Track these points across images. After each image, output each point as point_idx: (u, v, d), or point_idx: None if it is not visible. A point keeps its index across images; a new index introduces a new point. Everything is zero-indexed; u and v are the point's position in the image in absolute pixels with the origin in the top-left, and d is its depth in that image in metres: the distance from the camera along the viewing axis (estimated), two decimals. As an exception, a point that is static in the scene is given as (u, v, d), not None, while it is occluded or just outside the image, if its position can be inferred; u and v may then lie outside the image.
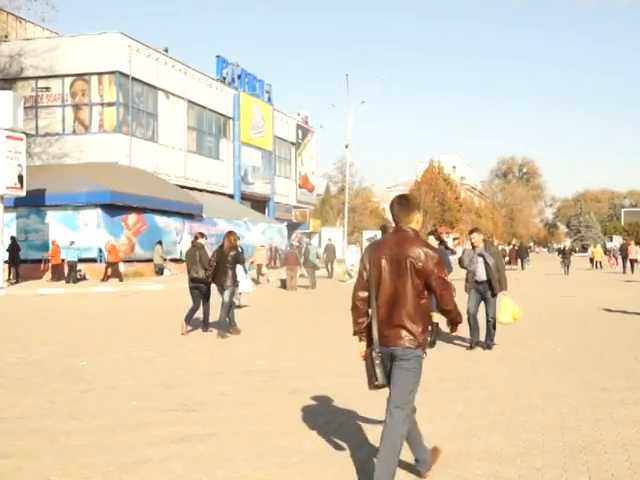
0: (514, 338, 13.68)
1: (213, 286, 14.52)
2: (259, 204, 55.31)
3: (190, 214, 38.64)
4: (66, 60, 37.80)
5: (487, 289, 12.14)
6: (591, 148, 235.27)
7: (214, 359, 11.50)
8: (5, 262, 29.45)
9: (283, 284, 29.42)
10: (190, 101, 44.70)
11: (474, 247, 12.33)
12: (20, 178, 28.11)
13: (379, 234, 66.69)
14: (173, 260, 36.05)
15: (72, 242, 30.29)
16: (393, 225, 5.47)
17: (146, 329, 15.27)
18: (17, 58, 38.49)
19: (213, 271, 14.26)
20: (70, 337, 14.08)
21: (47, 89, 38.84)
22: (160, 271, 34.21)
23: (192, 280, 14.81)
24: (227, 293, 14.21)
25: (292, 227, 57.64)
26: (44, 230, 32.48)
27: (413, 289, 5.16)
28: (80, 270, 30.83)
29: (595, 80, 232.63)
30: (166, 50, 43.22)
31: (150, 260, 34.22)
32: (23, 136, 28.78)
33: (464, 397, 8.49)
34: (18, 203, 30.74)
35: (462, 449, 6.41)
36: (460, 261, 12.60)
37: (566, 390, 8.85)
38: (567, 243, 47.76)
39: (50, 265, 31.36)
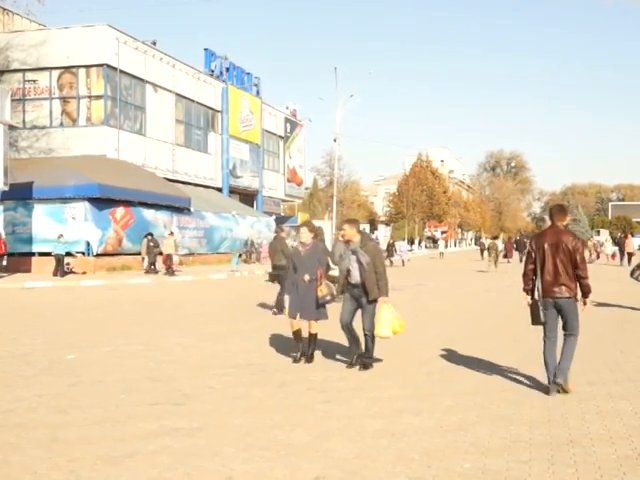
0: (500, 331, 13.74)
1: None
2: (247, 197, 55.24)
3: (178, 207, 38.53)
4: (53, 53, 37.60)
5: (362, 294, 9.87)
6: (579, 142, 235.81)
7: (202, 353, 11.48)
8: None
9: (270, 277, 29.32)
10: (178, 94, 44.54)
11: (347, 241, 10.02)
12: (5, 170, 27.90)
13: (367, 228, 66.92)
14: (161, 254, 35.91)
15: (60, 235, 30.17)
16: (548, 221, 8.75)
17: (134, 322, 15.23)
18: (4, 51, 38.23)
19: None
20: (57, 330, 14.03)
21: (34, 82, 38.63)
22: (153, 264, 34.07)
23: (274, 267, 17.62)
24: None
25: (280, 220, 57.57)
26: (31, 223, 32.33)
27: (567, 262, 8.22)
28: (68, 263, 30.73)
29: (583, 74, 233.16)
30: (154, 43, 43.01)
31: (138, 253, 34.12)
32: (6, 128, 28.49)
33: (451, 390, 8.51)
34: (5, 196, 30.58)
35: (449, 442, 6.43)
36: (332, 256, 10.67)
37: (553, 383, 8.88)
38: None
39: None
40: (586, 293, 8.36)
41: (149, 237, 32.80)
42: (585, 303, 8.43)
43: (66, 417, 7.28)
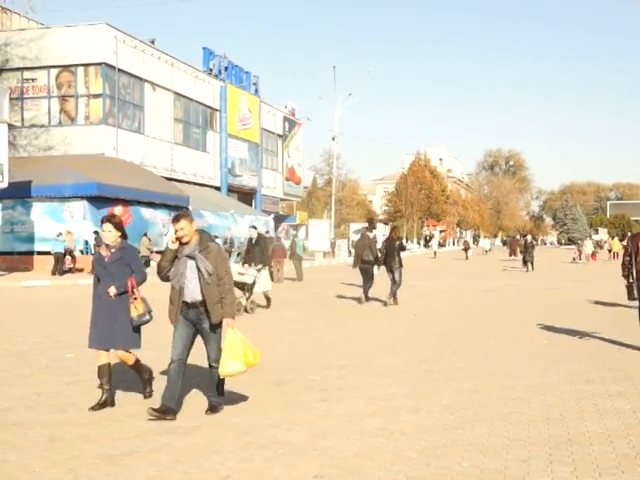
0: (499, 330, 13.74)
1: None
2: (246, 196, 55.21)
3: (177, 206, 38.49)
4: (52, 51, 37.56)
5: (202, 316, 7.30)
6: (577, 141, 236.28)
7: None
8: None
9: (270, 276, 29.32)
10: (177, 93, 44.52)
11: (182, 243, 7.26)
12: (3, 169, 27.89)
13: (366, 226, 66.94)
14: (160, 252, 35.91)
15: (59, 234, 30.16)
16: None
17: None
18: (2, 49, 38.18)
19: (384, 256, 18.96)
20: (56, 329, 14.02)
21: (33, 80, 38.60)
22: (147, 263, 34.07)
23: (362, 262, 19.28)
24: (396, 273, 18.73)
25: (279, 219, 57.59)
26: (30, 222, 32.31)
27: None
28: (66, 262, 30.71)
29: (582, 73, 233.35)
30: (152, 41, 43.01)
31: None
32: (5, 127, 28.48)
33: (450, 389, 8.51)
34: (4, 195, 30.55)
35: (448, 441, 6.43)
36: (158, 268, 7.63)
37: (551, 382, 8.89)
38: (528, 236, 44.74)
39: None
40: None
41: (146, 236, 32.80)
42: None
43: (65, 416, 7.28)
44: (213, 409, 7.43)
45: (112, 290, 7.58)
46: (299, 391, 8.41)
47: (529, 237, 41.30)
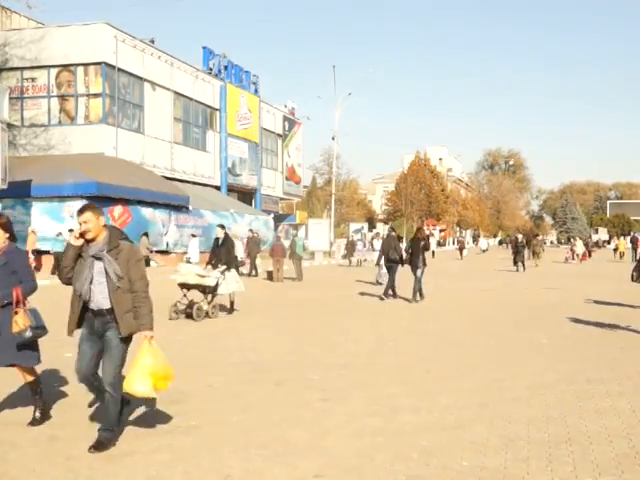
0: (499, 329, 13.75)
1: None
2: (246, 196, 55.17)
3: (176, 206, 38.49)
4: (52, 51, 37.52)
5: (109, 325, 6.24)
6: (577, 140, 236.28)
7: (200, 351, 11.48)
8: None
9: (269, 276, 29.38)
10: (176, 92, 44.46)
11: (87, 240, 6.18)
12: (3, 169, 27.90)
13: (366, 227, 66.99)
14: (159, 252, 35.95)
15: (59, 233, 30.15)
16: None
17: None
18: (2, 48, 38.16)
19: (410, 255, 19.78)
20: (56, 328, 13.99)
21: (32, 80, 38.58)
22: (146, 263, 34.12)
23: (388, 260, 20.47)
24: (419, 271, 19.46)
25: (279, 219, 57.56)
26: (30, 221, 32.30)
27: None
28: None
29: (582, 73, 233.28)
30: (152, 41, 42.94)
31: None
32: (5, 126, 28.49)
33: (450, 389, 8.51)
34: (3, 194, 30.54)
35: (448, 440, 6.43)
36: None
37: (551, 381, 8.90)
38: (519, 235, 43.82)
39: None
40: None
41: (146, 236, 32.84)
42: None
43: (64, 415, 7.28)
44: (99, 446, 6.08)
45: None
46: (299, 391, 8.40)
47: (520, 236, 40.95)
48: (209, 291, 15.76)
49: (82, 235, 6.09)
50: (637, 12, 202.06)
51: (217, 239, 17.06)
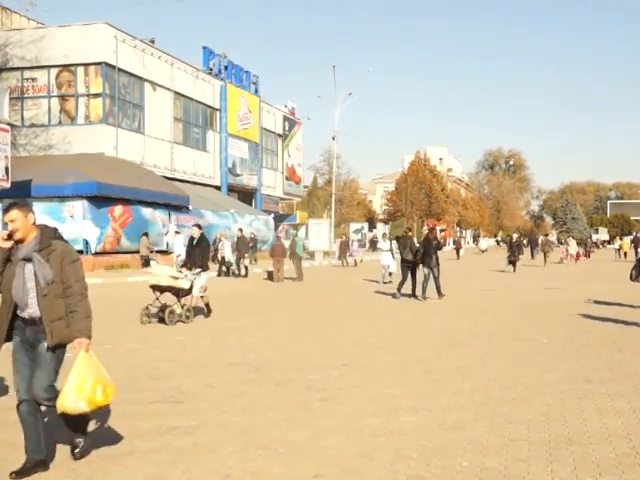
0: (499, 329, 13.74)
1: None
2: (246, 196, 55.18)
3: (177, 206, 38.48)
4: (52, 51, 37.52)
5: (41, 337, 5.59)
6: (577, 140, 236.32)
7: (200, 351, 11.48)
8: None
9: (270, 276, 29.38)
10: (176, 92, 44.47)
11: (16, 241, 5.58)
12: (6, 170, 27.93)
13: (366, 227, 67.01)
14: (159, 252, 35.93)
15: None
16: None
17: (132, 321, 15.19)
18: (2, 48, 38.16)
19: (422, 255, 20.50)
20: None
21: (33, 80, 38.58)
22: (146, 262, 34.09)
23: (403, 260, 21.20)
24: (435, 270, 20.31)
25: (279, 219, 57.57)
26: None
27: None
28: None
29: (581, 73, 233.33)
30: (152, 41, 42.93)
31: (136, 252, 34.11)
32: (8, 127, 28.57)
33: (450, 389, 8.51)
34: (3, 195, 30.53)
35: (448, 440, 6.43)
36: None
37: (551, 381, 8.89)
38: (514, 234, 43.37)
39: None
40: None
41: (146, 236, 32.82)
42: None
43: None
44: (20, 473, 5.56)
45: None
46: (299, 391, 8.40)
47: (515, 236, 40.85)
48: (182, 294, 14.95)
49: (10, 236, 5.53)
50: (637, 12, 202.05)
51: (192, 238, 16.28)
